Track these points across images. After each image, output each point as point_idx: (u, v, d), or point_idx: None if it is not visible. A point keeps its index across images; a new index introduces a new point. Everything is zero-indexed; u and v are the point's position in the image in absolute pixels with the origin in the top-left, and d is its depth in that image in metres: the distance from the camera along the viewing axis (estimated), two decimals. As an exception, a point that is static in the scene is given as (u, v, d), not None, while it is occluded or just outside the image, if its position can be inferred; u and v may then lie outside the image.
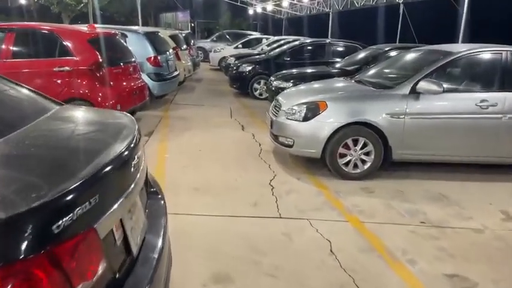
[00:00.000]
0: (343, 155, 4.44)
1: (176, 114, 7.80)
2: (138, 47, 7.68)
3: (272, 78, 8.05)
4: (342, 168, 4.45)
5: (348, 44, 9.97)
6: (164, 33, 9.90)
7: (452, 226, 3.50)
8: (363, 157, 4.45)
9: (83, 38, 5.53)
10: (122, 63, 6.11)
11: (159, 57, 7.82)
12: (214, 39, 21.06)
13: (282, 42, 13.32)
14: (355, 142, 4.41)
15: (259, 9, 24.21)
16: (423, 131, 4.36)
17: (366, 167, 4.47)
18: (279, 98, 5.17)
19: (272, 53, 10.49)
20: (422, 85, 4.27)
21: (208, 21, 30.39)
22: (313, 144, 4.44)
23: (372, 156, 4.43)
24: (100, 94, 5.55)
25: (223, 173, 4.59)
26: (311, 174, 4.64)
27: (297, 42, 10.37)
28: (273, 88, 7.72)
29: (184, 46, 11.26)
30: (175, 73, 8.68)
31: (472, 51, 4.57)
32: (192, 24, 30.44)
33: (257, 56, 10.91)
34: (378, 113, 4.33)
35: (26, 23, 6.51)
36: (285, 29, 24.49)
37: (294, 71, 8.14)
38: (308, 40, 10.62)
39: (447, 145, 4.43)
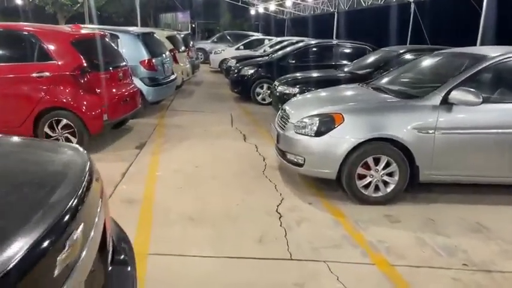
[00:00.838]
0: (362, 176, 3.81)
1: (172, 121, 7.18)
2: (131, 49, 7.09)
3: (276, 82, 7.42)
4: (360, 191, 3.82)
5: (357, 46, 9.34)
6: (161, 35, 9.30)
7: (501, 269, 2.86)
8: (386, 178, 3.82)
9: (66, 40, 4.91)
10: (110, 68, 5.50)
11: (153, 60, 7.21)
12: (215, 40, 20.46)
13: (285, 43, 12.70)
14: (377, 161, 3.78)
15: (261, 9, 23.57)
16: (457, 148, 3.72)
17: (388, 189, 3.84)
18: (286, 107, 4.55)
19: (276, 55, 9.86)
20: (456, 95, 3.63)
21: (209, 21, 29.80)
22: (328, 163, 3.81)
23: (396, 178, 3.80)
24: (84, 103, 4.93)
25: (222, 195, 3.97)
26: (324, 197, 4.01)
27: (301, 44, 9.74)
28: (278, 94, 7.09)
29: (183, 48, 10.64)
30: (172, 77, 8.07)
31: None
32: (193, 25, 29.85)
33: (260, 59, 10.28)
34: (403, 127, 3.70)
35: (1, 23, 5.89)
36: (287, 30, 23.86)
37: (300, 75, 7.51)
38: (313, 41, 9.98)
39: (486, 164, 3.79)
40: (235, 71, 9.64)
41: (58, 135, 4.96)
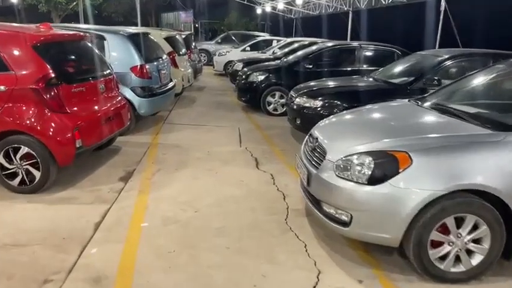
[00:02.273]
0: (437, 244, 2.61)
1: (169, 139, 5.99)
2: (120, 53, 5.92)
3: (293, 93, 6.22)
4: (434, 264, 2.63)
5: (383, 49, 8.12)
6: (157, 35, 8.13)
7: None
8: (471, 246, 2.62)
9: (26, 44, 3.73)
10: (89, 78, 4.32)
11: (147, 66, 6.03)
12: (219, 40, 19.27)
13: (296, 45, 11.49)
14: (459, 222, 2.59)
15: (268, 8, 22.29)
16: None
17: (474, 262, 2.64)
18: (318, 135, 3.35)
19: (289, 58, 8.64)
20: None
21: (213, 21, 28.57)
22: (387, 224, 2.62)
23: (486, 245, 2.61)
24: (51, 125, 3.76)
25: (232, 269, 2.77)
26: (380, 267, 2.82)
27: (318, 46, 8.51)
28: (295, 107, 5.89)
29: (184, 50, 9.46)
30: (170, 85, 6.88)
31: None
32: (196, 25, 28.65)
33: (270, 63, 9.06)
34: (500, 174, 2.51)
35: None
36: (296, 30, 22.62)
37: (322, 83, 6.31)
38: (330, 43, 8.74)
39: None
40: (243, 77, 8.45)
41: (16, 168, 3.80)
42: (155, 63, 6.42)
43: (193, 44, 11.64)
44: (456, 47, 9.76)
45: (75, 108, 3.97)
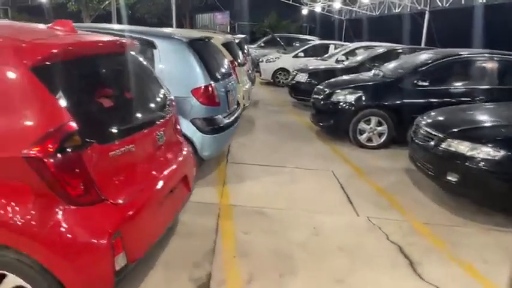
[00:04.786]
0: None
1: (243, 196, 4.01)
2: (177, 68, 4.01)
3: (429, 128, 4.10)
4: None
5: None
6: (216, 40, 6.16)
7: None
8: None
9: (20, 64, 1.79)
10: (143, 124, 2.36)
11: (214, 87, 4.07)
12: (262, 44, 17.32)
13: (373, 52, 9.33)
14: None
15: (318, 9, 20.06)
16: None
17: None
18: None
19: (386, 71, 6.45)
20: None
21: (251, 23, 26.60)
22: None
23: None
24: (67, 232, 1.81)
25: None
26: None
27: (430, 55, 6.26)
28: (442, 152, 3.77)
29: (241, 58, 7.49)
30: (238, 111, 4.91)
31: None
32: (232, 27, 26.75)
33: (358, 76, 6.91)
34: None
35: None
36: (345, 32, 20.34)
37: (485, 115, 4.20)
38: (462, 52, 6.19)
39: None
40: (323, 95, 6.39)
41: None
42: (221, 82, 4.45)
43: (247, 50, 9.67)
44: None
45: (115, 189, 2.02)
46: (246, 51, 9.39)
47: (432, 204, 4.01)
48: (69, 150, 1.78)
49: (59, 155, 1.75)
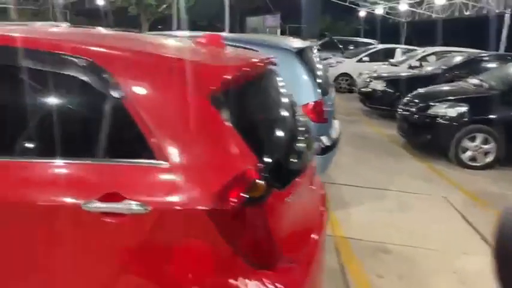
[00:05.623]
0: None
1: (355, 226, 3.56)
2: (283, 80, 3.58)
3: None
4: None
5: None
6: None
7: None
8: None
9: (200, 90, 1.43)
10: (301, 161, 1.92)
11: (323, 102, 3.65)
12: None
13: (456, 58, 8.56)
14: None
15: (380, 11, 19.21)
16: None
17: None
18: None
19: (505, 83, 5.54)
20: None
21: (302, 25, 26.08)
22: None
23: None
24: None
25: None
26: None
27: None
28: None
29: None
30: (336, 127, 4.45)
31: None
32: (283, 29, 26.32)
33: (467, 88, 6.12)
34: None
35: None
36: (406, 36, 19.30)
37: None
38: None
39: None
40: (416, 108, 5.80)
41: None
42: (326, 96, 4.01)
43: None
44: None
45: (287, 245, 1.62)
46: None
47: None
48: (257, 199, 1.40)
49: (246, 207, 1.38)
